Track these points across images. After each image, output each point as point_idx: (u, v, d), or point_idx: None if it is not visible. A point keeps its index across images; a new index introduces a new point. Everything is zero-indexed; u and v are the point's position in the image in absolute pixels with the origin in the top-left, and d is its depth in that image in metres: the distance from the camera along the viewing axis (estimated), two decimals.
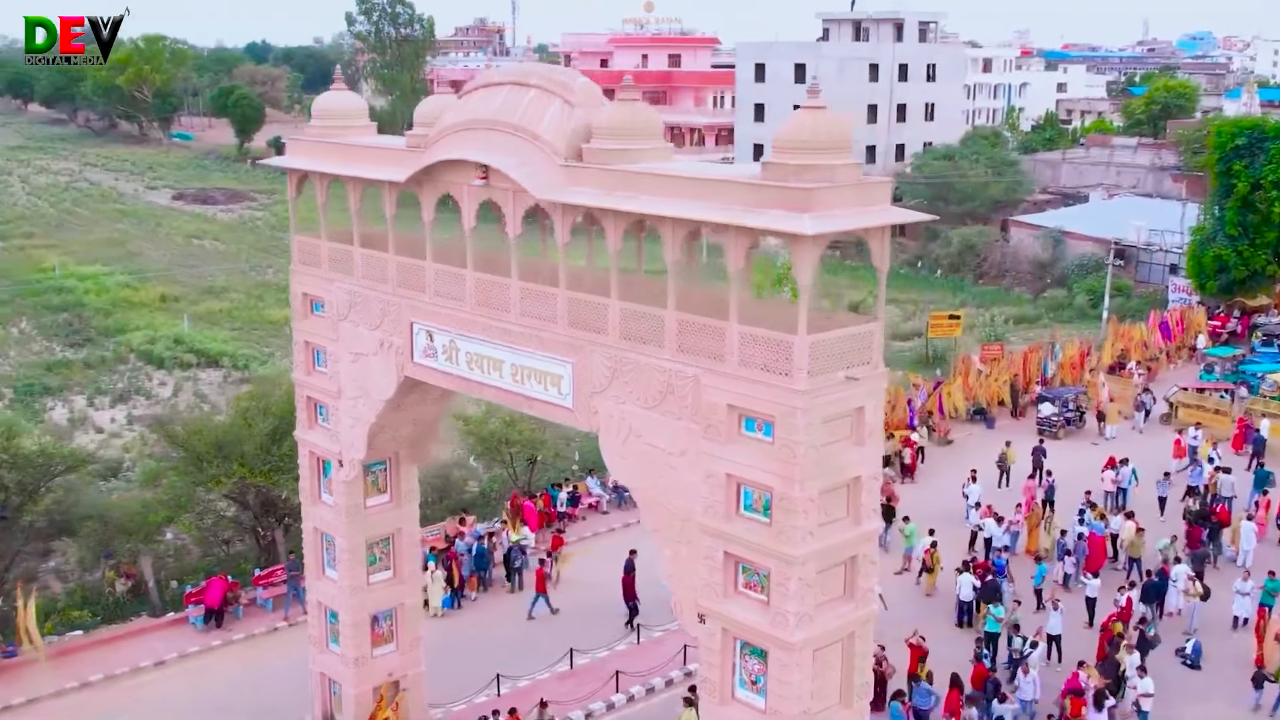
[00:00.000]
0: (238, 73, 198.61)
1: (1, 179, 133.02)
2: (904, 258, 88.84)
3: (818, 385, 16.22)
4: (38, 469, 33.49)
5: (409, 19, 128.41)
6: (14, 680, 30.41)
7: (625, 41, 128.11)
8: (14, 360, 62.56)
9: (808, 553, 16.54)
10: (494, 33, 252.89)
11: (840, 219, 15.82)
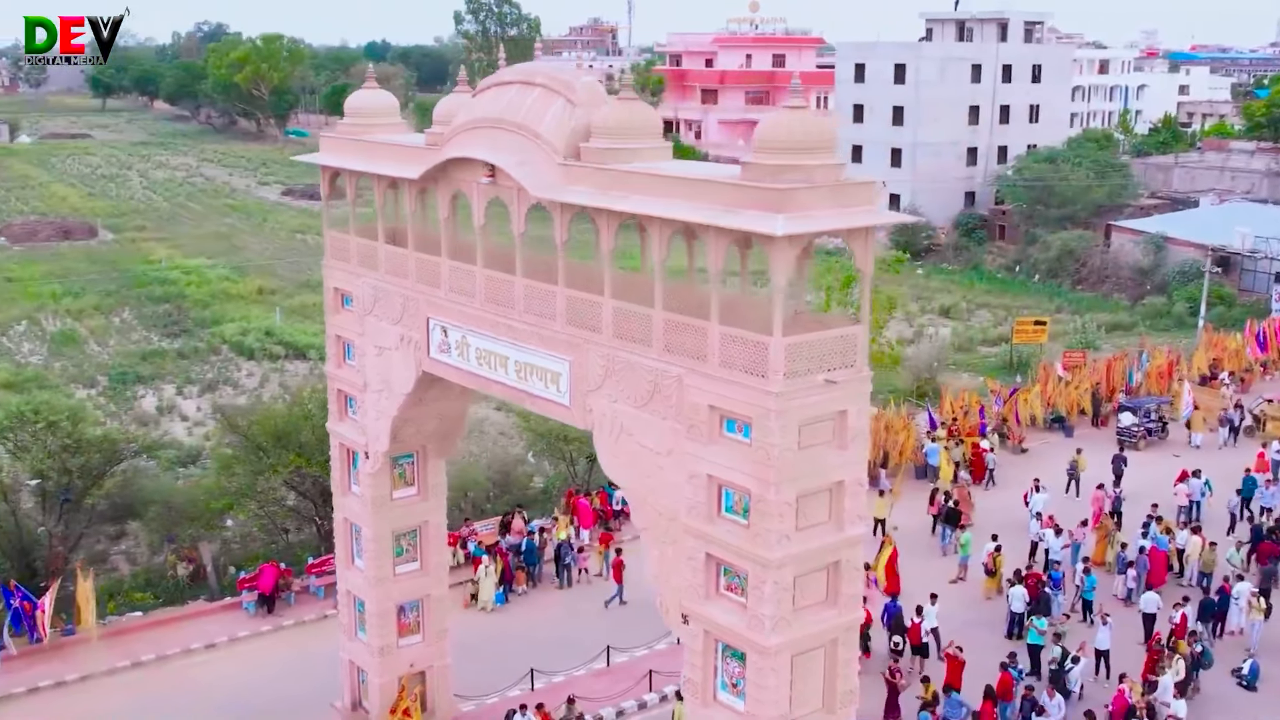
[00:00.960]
0: (354, 71, 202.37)
1: (122, 173, 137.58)
2: (1001, 262, 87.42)
3: (794, 387, 16.06)
4: (104, 454, 34.53)
5: (515, 18, 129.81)
6: (70, 657, 31.45)
7: (729, 41, 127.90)
8: (113, 348, 64.60)
9: (783, 556, 16.40)
10: (606, 32, 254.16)
11: (815, 220, 15.66)
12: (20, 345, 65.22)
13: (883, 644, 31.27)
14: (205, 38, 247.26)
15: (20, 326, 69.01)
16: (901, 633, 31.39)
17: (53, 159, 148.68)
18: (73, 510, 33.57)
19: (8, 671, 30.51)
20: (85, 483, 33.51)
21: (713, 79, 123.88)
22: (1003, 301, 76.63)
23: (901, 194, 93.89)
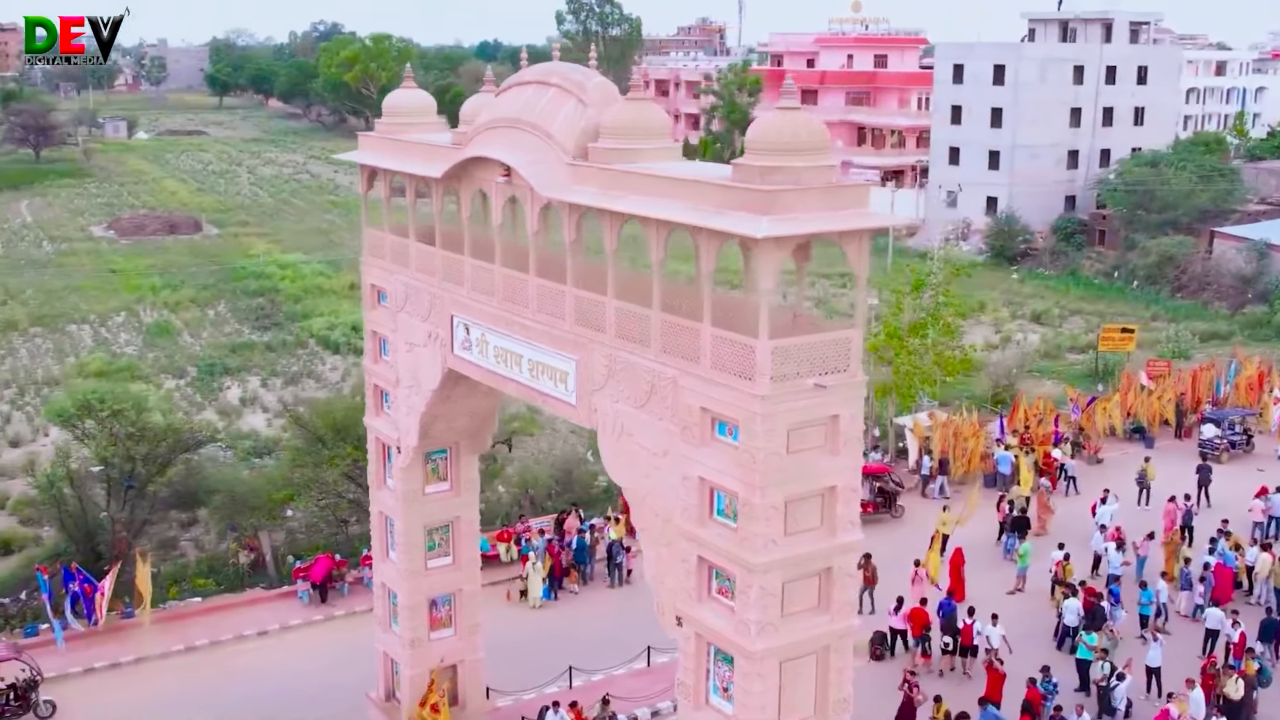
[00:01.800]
0: (462, 70, 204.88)
1: (231, 169, 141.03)
2: (1099, 267, 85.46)
3: (782, 391, 15.92)
4: (168, 443, 35.43)
5: (617, 18, 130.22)
6: (127, 640, 32.38)
7: (830, 41, 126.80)
8: (205, 340, 66.22)
9: (770, 561, 16.26)
10: (714, 32, 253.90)
11: (802, 222, 15.50)
12: (118, 335, 67.17)
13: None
14: (320, 37, 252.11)
15: (119, 318, 71.08)
16: (954, 633, 31.16)
17: (167, 155, 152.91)
18: (136, 497, 34.48)
19: (66, 651, 31.48)
20: (148, 470, 34.39)
21: (812, 79, 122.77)
22: (1097, 308, 74.88)
23: (999, 197, 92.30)
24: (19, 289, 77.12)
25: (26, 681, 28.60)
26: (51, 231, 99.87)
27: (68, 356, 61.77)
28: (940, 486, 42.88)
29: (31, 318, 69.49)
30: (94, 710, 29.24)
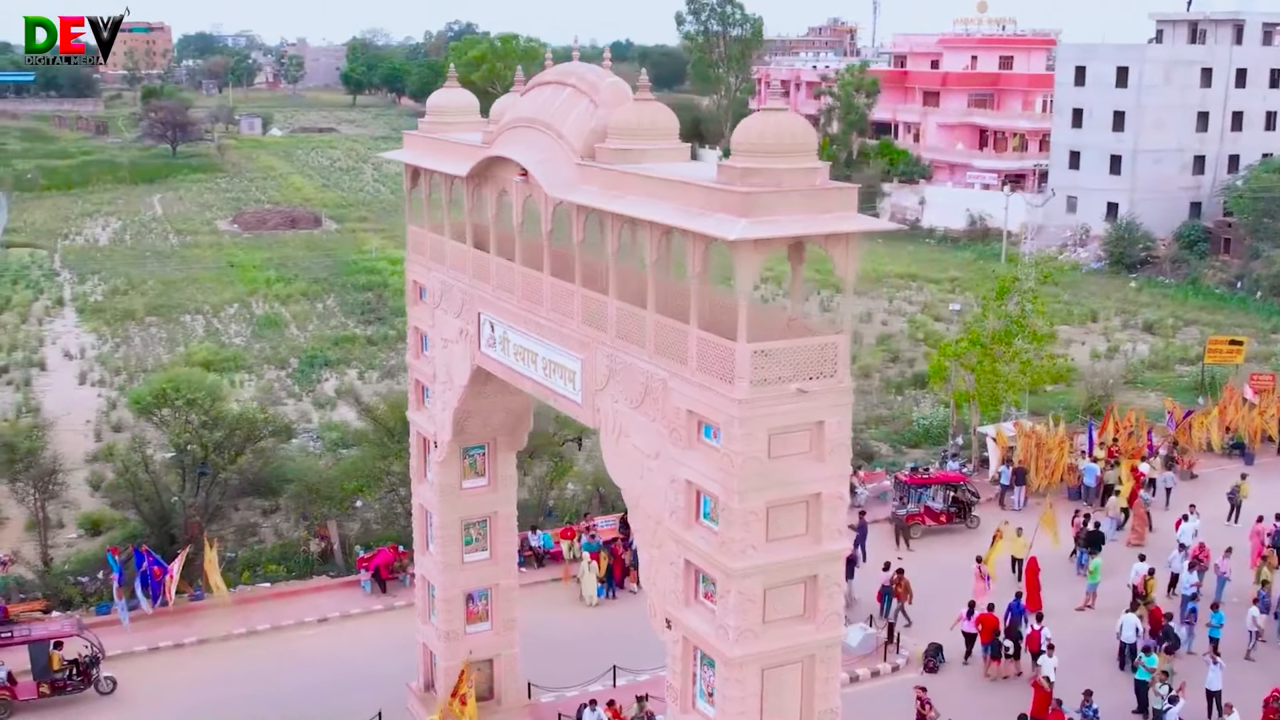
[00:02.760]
0: None
1: (357, 166, 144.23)
2: (1222, 277, 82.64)
3: (762, 395, 15.75)
4: (243, 432, 36.39)
5: (739, 18, 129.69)
6: (192, 621, 33.38)
7: (954, 42, 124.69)
8: (310, 333, 67.79)
9: (749, 566, 16.10)
10: (845, 32, 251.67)
11: (781, 225, 15.32)
12: (228, 326, 69.14)
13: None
14: (454, 37, 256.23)
15: (232, 309, 73.14)
16: (1016, 638, 30.86)
17: (298, 152, 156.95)
18: (209, 483, 35.47)
19: (134, 631, 32.59)
20: (220, 458, 35.33)
21: (934, 81, 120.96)
22: (1215, 319, 72.37)
23: (1120, 203, 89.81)
24: (141, 279, 79.83)
25: (89, 658, 29.63)
26: (178, 224, 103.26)
27: (178, 346, 63.72)
28: (1018, 498, 41.96)
29: (149, 307, 71.86)
30: (153, 688, 30.22)
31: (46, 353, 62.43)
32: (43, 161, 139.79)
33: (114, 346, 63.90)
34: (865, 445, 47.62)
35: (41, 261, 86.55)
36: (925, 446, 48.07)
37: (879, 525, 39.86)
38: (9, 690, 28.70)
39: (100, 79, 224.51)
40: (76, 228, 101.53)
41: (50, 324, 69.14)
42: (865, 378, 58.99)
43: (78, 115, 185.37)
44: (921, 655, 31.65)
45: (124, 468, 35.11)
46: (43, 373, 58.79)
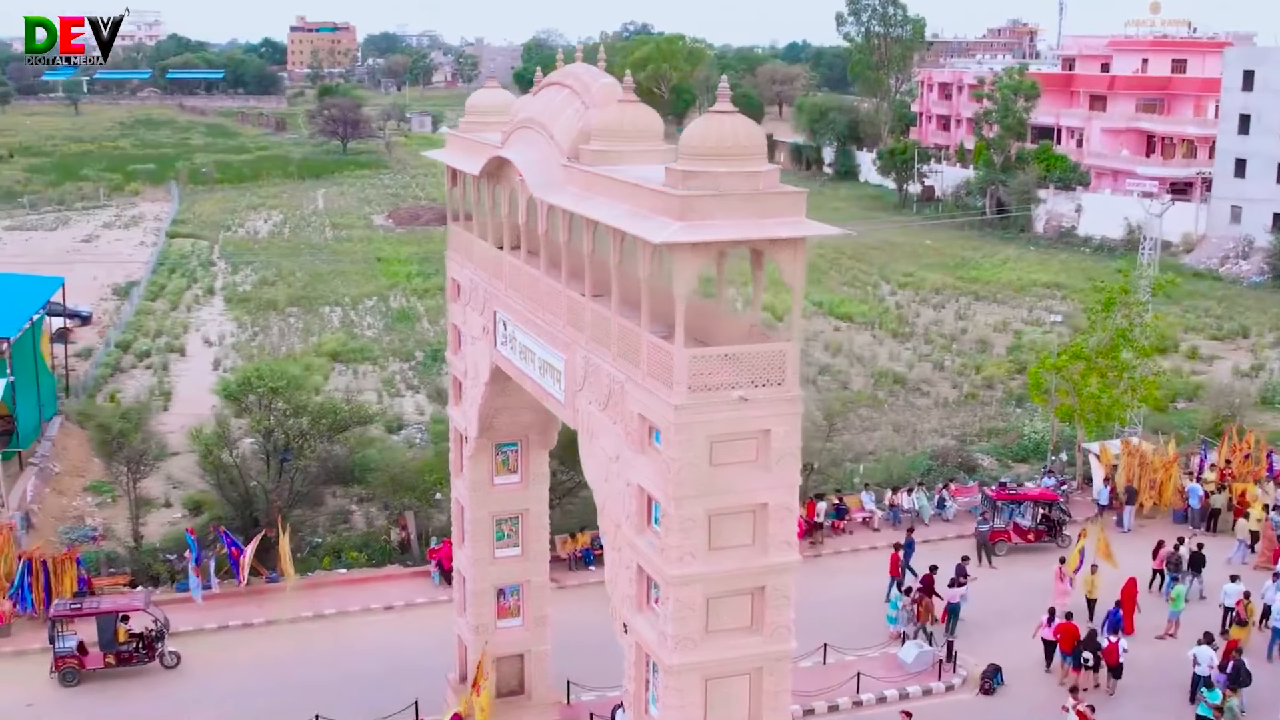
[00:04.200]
0: (760, 71, 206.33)
1: None
2: None
3: (701, 401, 15.55)
4: (329, 421, 37.41)
5: (900, 19, 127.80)
6: (264, 603, 34.46)
7: (1125, 45, 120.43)
8: (441, 327, 69.13)
9: (687, 574, 15.92)
10: (1024, 34, 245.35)
11: (716, 229, 15.10)
12: (364, 319, 71.07)
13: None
14: (629, 38, 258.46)
15: (370, 302, 75.17)
16: (1094, 649, 30.15)
17: None
18: (292, 470, 36.56)
19: (207, 609, 33.82)
20: (300, 445, 36.35)
21: (1101, 84, 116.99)
22: None
23: None
24: (290, 271, 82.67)
25: (154, 632, 30.88)
26: (336, 219, 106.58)
27: (312, 336, 65.80)
28: (1127, 519, 40.33)
29: (291, 298, 74.36)
30: (215, 664, 31.32)
31: (188, 339, 65.14)
32: (221, 156, 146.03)
33: (251, 335, 66.29)
34: (968, 458, 46.48)
35: (201, 252, 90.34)
36: (1033, 461, 46.60)
37: (965, 541, 38.88)
38: (77, 659, 30.08)
39: (285, 77, 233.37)
40: (240, 220, 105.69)
41: (198, 312, 72.13)
42: (988, 388, 57.64)
43: (260, 112, 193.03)
44: (979, 676, 30.73)
45: (207, 451, 36.40)
46: (181, 358, 61.37)
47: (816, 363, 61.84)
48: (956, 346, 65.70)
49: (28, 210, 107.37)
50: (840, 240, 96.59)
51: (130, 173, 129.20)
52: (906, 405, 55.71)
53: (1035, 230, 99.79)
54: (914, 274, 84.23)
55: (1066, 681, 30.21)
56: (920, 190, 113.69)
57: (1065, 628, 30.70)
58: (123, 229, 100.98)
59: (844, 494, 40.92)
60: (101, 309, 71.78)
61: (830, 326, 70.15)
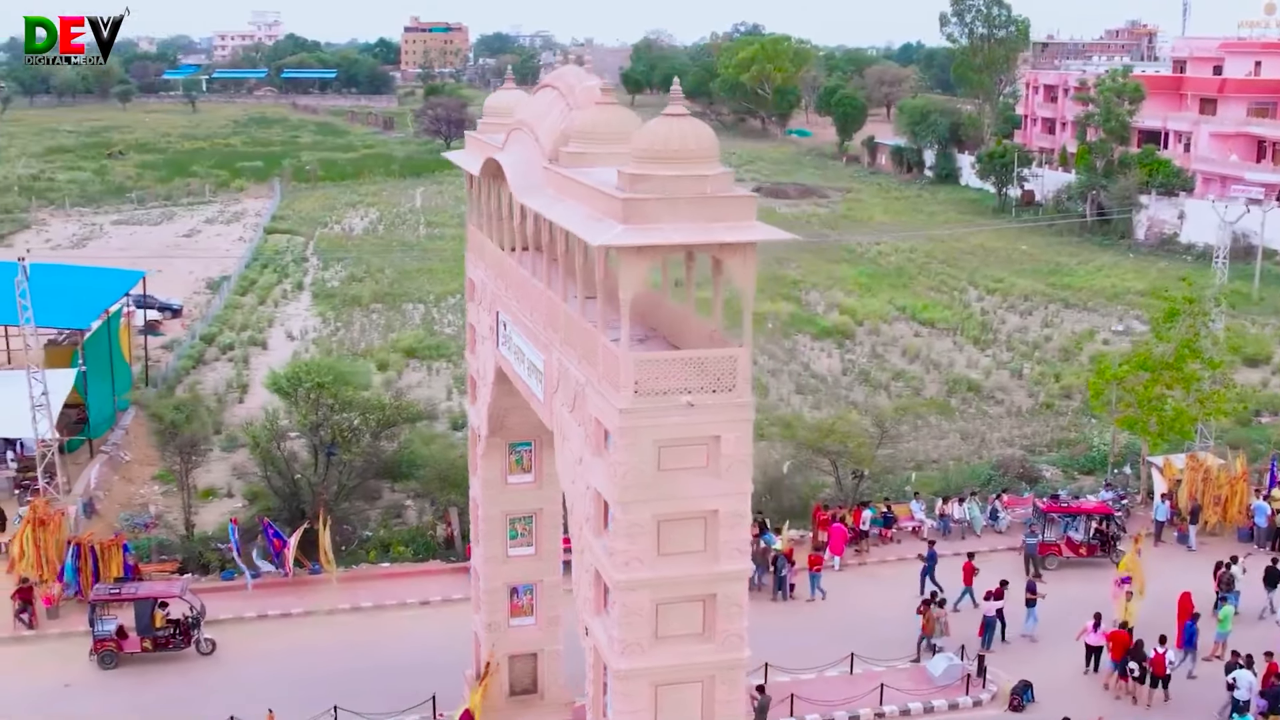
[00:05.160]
0: (869, 73, 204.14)
1: None
2: None
3: (648, 405, 15.47)
4: (377, 418, 37.95)
5: (1004, 19, 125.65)
6: (304, 594, 35.09)
7: (1237, 47, 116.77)
8: None
9: (634, 579, 15.86)
10: (1143, 35, 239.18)
11: (661, 232, 15.00)
12: (444, 316, 71.92)
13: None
14: (738, 39, 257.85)
15: (453, 299, 75.87)
16: (1141, 660, 29.76)
17: None
18: (339, 465, 37.15)
19: (248, 597, 34.56)
20: (350, 441, 36.91)
21: (1211, 87, 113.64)
22: None
23: None
24: (379, 268, 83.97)
25: (191, 619, 31.63)
26: (430, 217, 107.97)
27: (392, 332, 66.78)
28: (1183, 535, 39.19)
29: (376, 294, 75.54)
30: (249, 652, 32.01)
31: (271, 333, 66.56)
32: (327, 155, 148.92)
33: (333, 330, 67.51)
34: (1031, 468, 45.54)
35: (296, 248, 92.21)
36: (1099, 474, 45.47)
37: (1014, 554, 38.14)
38: (115, 642, 30.94)
39: (397, 77, 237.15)
40: (337, 217, 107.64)
41: (285, 307, 73.67)
42: (1066, 398, 56.37)
43: (369, 111, 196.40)
44: (1009, 692, 30.09)
45: (254, 443, 37.15)
46: (263, 352, 62.65)
47: (891, 368, 61.10)
48: (1038, 354, 64.38)
49: (135, 205, 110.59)
50: (932, 244, 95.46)
51: (237, 170, 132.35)
52: (979, 413, 54.76)
53: (1136, 237, 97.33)
54: (1004, 279, 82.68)
55: (1117, 689, 29.88)
56: (1020, 194, 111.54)
57: (1117, 635, 30.23)
58: (224, 225, 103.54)
59: (893, 502, 40.35)
60: (192, 303, 73.67)
61: (911, 331, 69.14)
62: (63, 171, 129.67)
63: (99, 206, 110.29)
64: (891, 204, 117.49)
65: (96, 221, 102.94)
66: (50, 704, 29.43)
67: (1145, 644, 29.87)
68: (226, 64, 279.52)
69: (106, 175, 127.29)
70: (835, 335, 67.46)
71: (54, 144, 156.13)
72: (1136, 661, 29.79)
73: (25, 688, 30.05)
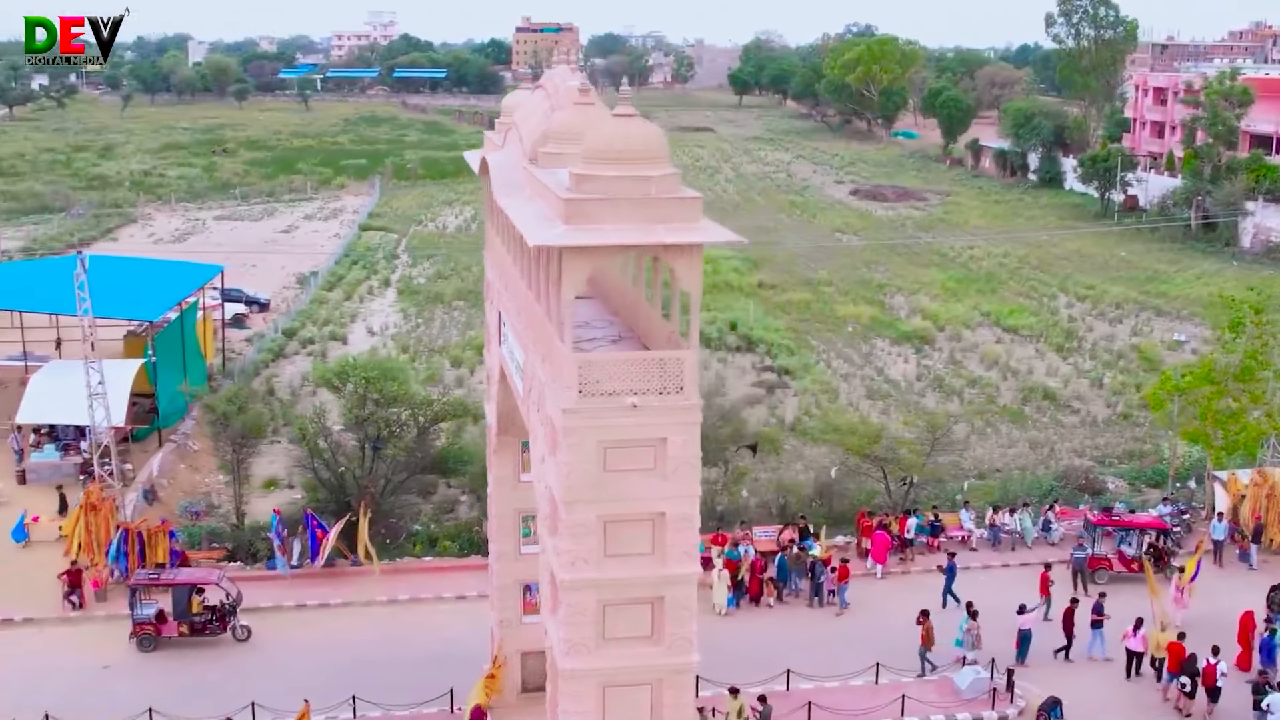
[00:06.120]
0: (980, 74, 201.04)
1: (717, 166, 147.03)
2: None
3: (592, 405, 15.47)
4: (426, 414, 38.42)
5: (1111, 20, 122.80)
6: (344, 585, 35.68)
7: None
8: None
9: (579, 579, 15.87)
10: (1269, 36, 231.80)
11: (602, 233, 14.98)
12: None
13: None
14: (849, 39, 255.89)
15: None
16: (1193, 674, 29.25)
17: None
18: (384, 458, 37.67)
19: (288, 587, 35.22)
20: (396, 435, 37.41)
21: None
22: None
23: None
24: (466, 265, 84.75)
25: (228, 606, 32.34)
26: None
27: (470, 330, 67.48)
28: (1244, 554, 37.95)
29: (460, 292, 76.34)
30: (283, 640, 32.64)
31: (353, 328, 67.73)
32: (431, 153, 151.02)
33: (414, 326, 68.46)
34: (1095, 480, 44.45)
35: (388, 245, 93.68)
36: (1167, 488, 44.24)
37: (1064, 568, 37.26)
38: (154, 626, 31.78)
39: (508, 77, 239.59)
40: (432, 215, 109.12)
41: (369, 302, 74.92)
42: (1144, 409, 54.85)
43: (475, 110, 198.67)
44: (1036, 709, 29.42)
45: (301, 436, 37.84)
46: (342, 346, 63.74)
47: (968, 374, 60.14)
48: (1123, 363, 62.83)
49: (238, 201, 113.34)
50: (1027, 248, 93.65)
51: (340, 167, 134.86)
52: (1052, 422, 53.68)
53: (1241, 245, 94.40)
54: (1095, 286, 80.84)
55: (1176, 703, 29.46)
56: (1122, 199, 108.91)
57: (1174, 648, 29.71)
58: (321, 221, 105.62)
59: (943, 511, 39.70)
60: (280, 297, 75.24)
61: (993, 337, 67.97)
62: (174, 168, 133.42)
63: (204, 202, 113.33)
64: (990, 208, 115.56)
65: (200, 217, 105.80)
66: (88, 684, 30.28)
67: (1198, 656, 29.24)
68: (342, 64, 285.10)
69: (215, 172, 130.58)
70: (914, 340, 66.64)
71: (169, 140, 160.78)
72: (1188, 675, 29.18)
73: (66, 668, 31.01)
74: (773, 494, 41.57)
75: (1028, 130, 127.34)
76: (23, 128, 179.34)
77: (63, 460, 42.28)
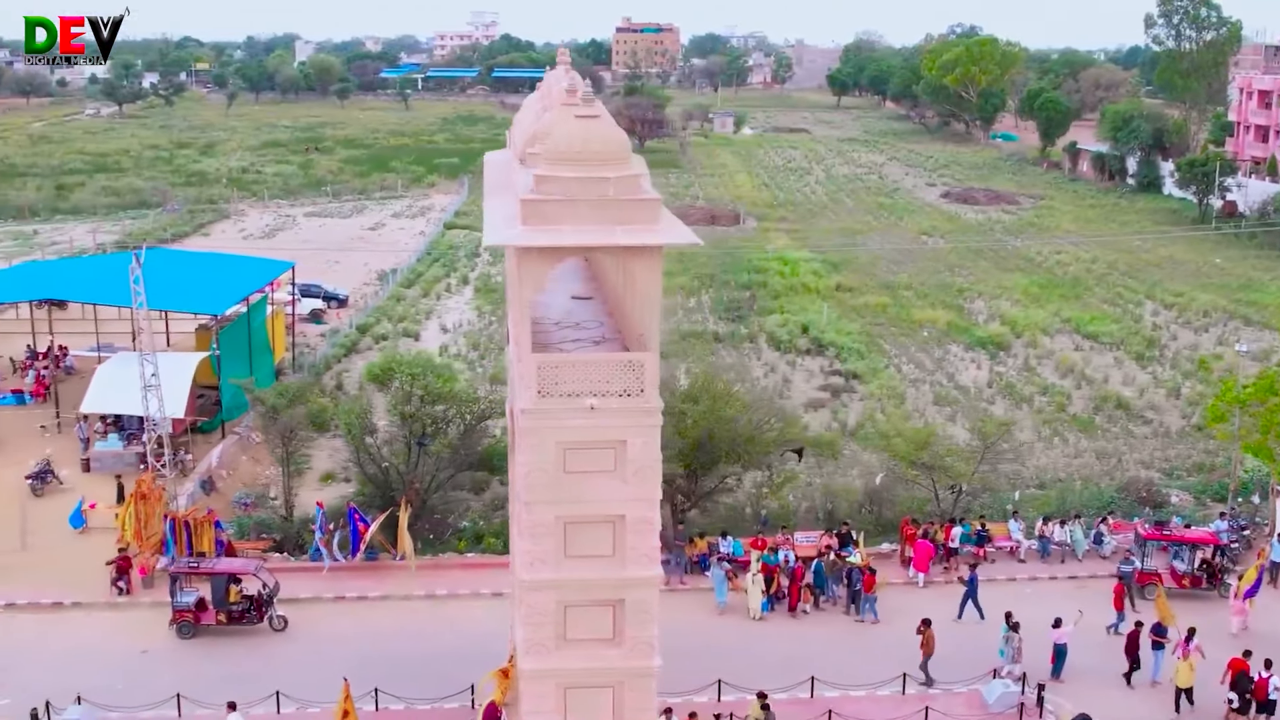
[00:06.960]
0: (1083, 76, 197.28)
1: (808, 167, 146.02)
2: None
3: (551, 406, 15.50)
4: (473, 412, 38.74)
5: (1213, 21, 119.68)
6: (384, 579, 36.14)
7: None
8: (668, 327, 69.91)
9: (538, 580, 15.91)
10: None
11: (559, 234, 14.99)
12: None
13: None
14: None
15: None
16: (1244, 691, 28.91)
17: (759, 151, 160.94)
18: (430, 455, 38.06)
19: (329, 579, 35.79)
20: (434, 432, 37.75)
21: None
22: None
23: None
24: None
25: (265, 596, 32.94)
26: None
27: None
28: None
29: None
30: (319, 632, 33.18)
31: (427, 325, 68.48)
32: None
33: (487, 324, 69.00)
34: (1157, 493, 43.32)
35: (472, 243, 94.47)
36: (1230, 502, 43.01)
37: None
38: (193, 613, 32.50)
39: (607, 77, 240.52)
40: None
41: (446, 300, 75.66)
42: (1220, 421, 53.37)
43: None
44: None
45: (348, 431, 38.36)
46: (414, 342, 64.50)
47: (1040, 382, 59.02)
48: (1202, 373, 61.09)
49: (330, 199, 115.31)
50: (1117, 254, 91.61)
51: (434, 166, 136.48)
52: (1122, 432, 52.45)
53: None
54: (1185, 293, 78.74)
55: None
56: (1220, 204, 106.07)
57: (1235, 663, 29.20)
58: (409, 219, 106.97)
59: (992, 521, 39.01)
60: (360, 294, 76.38)
61: (1072, 344, 66.59)
62: (271, 165, 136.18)
63: (296, 199, 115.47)
64: (1084, 211, 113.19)
65: (291, 213, 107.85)
66: (124, 669, 31.08)
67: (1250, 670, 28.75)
68: (444, 63, 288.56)
69: (310, 169, 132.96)
70: (989, 346, 65.54)
71: (270, 138, 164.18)
72: (1237, 691, 28.76)
73: (107, 651, 31.87)
74: (821, 499, 41.23)
75: (1126, 133, 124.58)
76: (131, 125, 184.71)
77: (125, 450, 43.40)
